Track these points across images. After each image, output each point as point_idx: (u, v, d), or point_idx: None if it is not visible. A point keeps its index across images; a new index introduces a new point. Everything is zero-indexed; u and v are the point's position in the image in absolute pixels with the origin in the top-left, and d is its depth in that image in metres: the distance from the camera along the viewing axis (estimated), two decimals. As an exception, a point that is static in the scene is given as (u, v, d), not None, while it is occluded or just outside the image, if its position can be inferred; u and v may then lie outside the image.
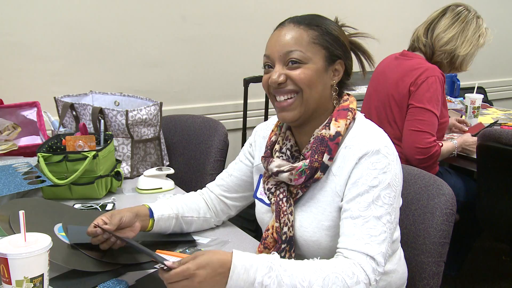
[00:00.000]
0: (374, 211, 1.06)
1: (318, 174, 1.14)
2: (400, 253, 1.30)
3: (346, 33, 1.22)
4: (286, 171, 1.16)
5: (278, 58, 1.14)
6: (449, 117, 2.36)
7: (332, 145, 1.13)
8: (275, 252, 1.08)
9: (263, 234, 1.24)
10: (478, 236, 2.51)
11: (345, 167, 1.12)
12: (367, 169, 1.09)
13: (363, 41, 1.25)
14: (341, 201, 1.13)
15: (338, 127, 1.14)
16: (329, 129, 1.15)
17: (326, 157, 1.13)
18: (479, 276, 2.70)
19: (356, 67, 1.25)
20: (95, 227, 1.15)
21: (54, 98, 1.96)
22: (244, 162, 1.39)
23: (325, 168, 1.14)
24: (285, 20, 1.18)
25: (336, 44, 1.15)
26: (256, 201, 1.32)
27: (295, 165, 1.16)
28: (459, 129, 2.55)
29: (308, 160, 1.14)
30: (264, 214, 1.28)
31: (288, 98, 1.15)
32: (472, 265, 2.74)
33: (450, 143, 2.20)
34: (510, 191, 2.06)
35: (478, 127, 2.54)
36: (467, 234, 2.40)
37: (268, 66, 1.17)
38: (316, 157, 1.13)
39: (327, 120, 1.18)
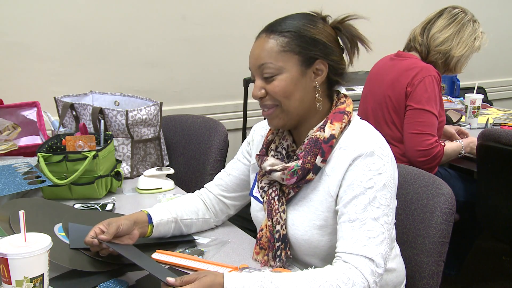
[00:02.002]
0: (371, 213, 1.06)
1: (310, 175, 1.14)
2: (396, 251, 1.30)
3: (331, 22, 1.19)
4: (279, 170, 1.16)
5: (255, 71, 1.17)
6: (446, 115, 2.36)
7: (325, 147, 1.14)
8: (267, 269, 1.09)
9: (258, 234, 1.24)
10: (478, 236, 2.51)
11: (338, 168, 1.13)
12: (362, 171, 1.09)
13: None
14: (334, 202, 1.13)
15: (333, 130, 1.15)
16: (324, 131, 1.15)
17: (319, 159, 1.14)
18: (479, 276, 2.70)
19: (357, 67, 1.24)
20: (92, 237, 1.14)
21: (54, 98, 1.97)
22: (242, 161, 1.39)
23: (317, 170, 1.14)
24: (262, 30, 1.19)
25: (310, 46, 1.13)
26: (252, 199, 1.32)
27: (287, 165, 1.16)
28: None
29: (300, 161, 1.15)
30: (258, 212, 1.29)
31: (269, 109, 1.17)
32: (472, 265, 2.74)
33: (455, 143, 2.20)
34: (510, 191, 2.06)
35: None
36: (467, 234, 2.40)
37: (253, 80, 1.20)
38: (309, 158, 1.14)
39: (322, 122, 1.18)
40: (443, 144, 2.10)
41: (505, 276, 2.73)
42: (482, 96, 2.71)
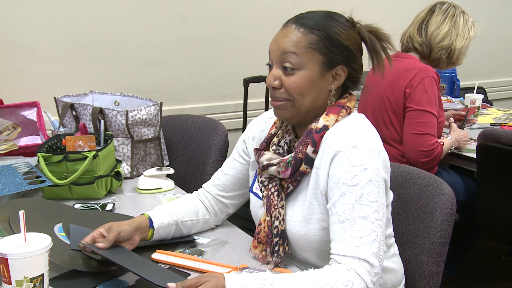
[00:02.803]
0: (359, 211, 1.05)
1: (304, 166, 1.14)
2: (393, 250, 1.30)
3: (359, 27, 1.17)
4: (275, 164, 1.16)
5: (275, 59, 1.15)
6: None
7: (316, 137, 1.13)
8: (268, 270, 1.09)
9: (256, 228, 1.24)
10: (478, 236, 2.51)
11: (324, 160, 1.12)
12: (345, 167, 1.07)
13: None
14: (325, 198, 1.13)
15: (327, 121, 1.14)
16: (318, 122, 1.15)
17: (310, 149, 1.13)
18: (479, 276, 2.70)
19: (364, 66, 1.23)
20: (89, 243, 1.14)
21: (54, 98, 1.96)
22: (238, 160, 1.39)
23: (309, 161, 1.14)
24: (290, 19, 1.17)
25: (337, 50, 1.13)
26: (251, 195, 1.32)
27: (283, 158, 1.17)
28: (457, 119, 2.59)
29: (294, 152, 1.15)
30: (258, 209, 1.29)
31: (280, 101, 1.16)
32: (472, 265, 2.74)
33: (447, 140, 2.22)
34: (510, 191, 2.06)
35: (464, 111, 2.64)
36: (467, 234, 2.40)
37: (269, 65, 1.18)
38: (300, 148, 1.14)
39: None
40: (442, 143, 2.11)
41: (505, 276, 2.73)
42: (482, 96, 2.72)
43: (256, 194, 1.29)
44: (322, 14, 1.16)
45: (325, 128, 1.14)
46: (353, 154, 1.08)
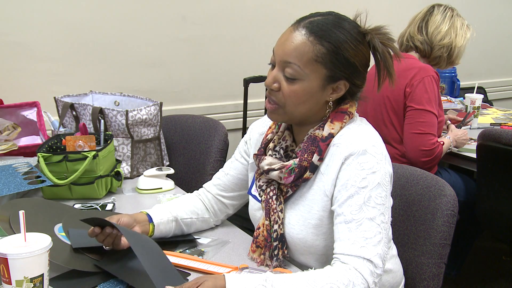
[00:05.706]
0: (366, 213, 1.06)
1: (308, 174, 1.14)
2: (392, 251, 1.30)
3: (376, 39, 1.14)
4: (277, 169, 1.16)
5: (278, 62, 1.13)
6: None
7: (323, 146, 1.13)
8: (268, 270, 1.09)
9: (255, 232, 1.24)
10: (478, 236, 2.51)
11: (332, 166, 1.13)
12: (355, 170, 1.09)
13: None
14: (330, 201, 1.13)
15: (332, 128, 1.15)
16: (323, 130, 1.15)
17: (315, 158, 1.13)
18: (479, 276, 2.70)
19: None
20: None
21: (54, 98, 1.96)
22: (240, 161, 1.39)
23: (314, 168, 1.14)
24: (302, 20, 1.13)
25: (342, 66, 1.11)
26: (250, 197, 1.32)
27: (285, 163, 1.16)
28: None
29: (298, 159, 1.15)
30: (256, 211, 1.29)
31: (274, 104, 1.15)
32: (472, 265, 2.74)
33: (446, 139, 2.23)
34: (510, 191, 2.06)
35: (462, 115, 2.66)
36: (467, 234, 2.40)
37: (272, 64, 1.17)
38: (305, 156, 1.14)
39: (323, 120, 1.18)
40: (442, 143, 2.11)
41: (505, 276, 2.73)
42: (482, 96, 2.72)
43: (254, 197, 1.29)
44: (334, 21, 1.12)
45: (331, 136, 1.14)
46: (363, 158, 1.09)
